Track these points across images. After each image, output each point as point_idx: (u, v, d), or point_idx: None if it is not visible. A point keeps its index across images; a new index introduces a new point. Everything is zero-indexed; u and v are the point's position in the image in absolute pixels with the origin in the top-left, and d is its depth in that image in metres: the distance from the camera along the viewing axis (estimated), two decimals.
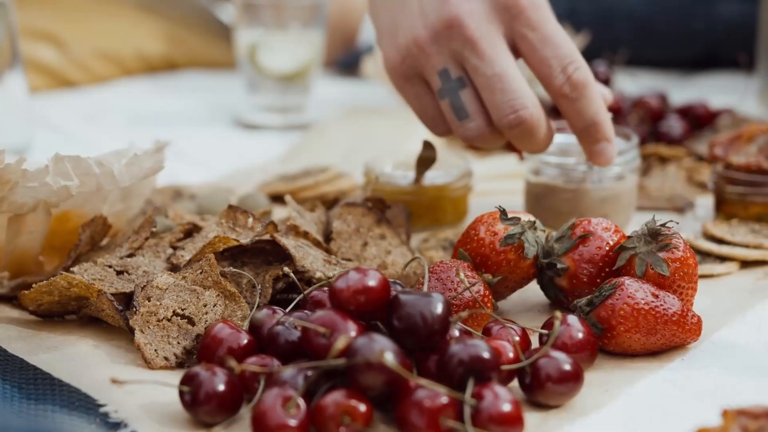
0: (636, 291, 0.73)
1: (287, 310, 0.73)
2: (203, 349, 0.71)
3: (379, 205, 0.89)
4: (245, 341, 0.70)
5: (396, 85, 0.91)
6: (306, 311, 0.72)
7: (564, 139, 0.98)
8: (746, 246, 0.90)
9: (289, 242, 0.80)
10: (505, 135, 0.88)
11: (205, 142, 1.28)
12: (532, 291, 0.83)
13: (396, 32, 0.88)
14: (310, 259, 0.79)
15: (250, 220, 0.82)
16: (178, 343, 0.74)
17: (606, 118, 0.88)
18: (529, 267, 0.79)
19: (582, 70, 0.86)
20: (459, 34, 0.85)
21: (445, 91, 0.87)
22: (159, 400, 0.68)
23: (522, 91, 0.85)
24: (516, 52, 0.87)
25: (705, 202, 1.04)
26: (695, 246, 0.91)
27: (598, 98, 0.87)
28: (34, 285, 0.77)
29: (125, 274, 0.79)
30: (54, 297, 0.77)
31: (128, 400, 0.68)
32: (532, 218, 0.80)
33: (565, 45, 0.86)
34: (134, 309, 0.74)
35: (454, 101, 0.87)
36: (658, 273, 0.76)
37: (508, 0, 0.85)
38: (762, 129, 0.96)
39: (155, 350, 0.73)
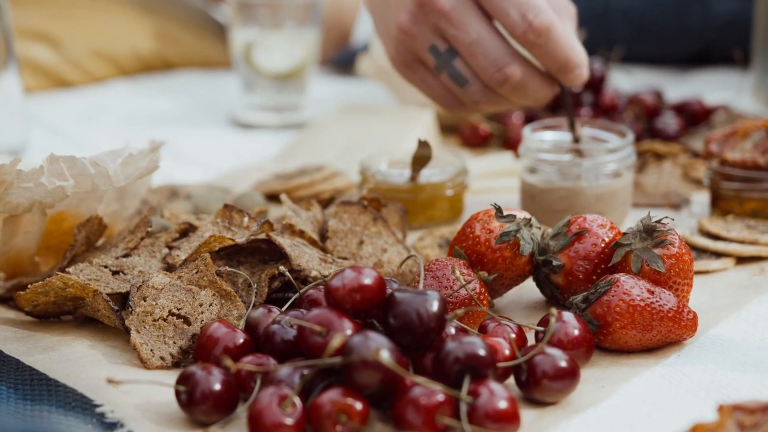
0: (632, 287, 0.73)
1: (283, 309, 0.73)
2: (199, 349, 0.71)
3: (375, 203, 0.89)
4: (241, 340, 0.70)
5: (402, 75, 0.97)
6: (302, 310, 0.72)
7: (559, 137, 0.98)
8: (742, 242, 0.90)
9: (284, 241, 0.80)
10: (501, 95, 0.92)
11: (201, 142, 1.27)
12: (528, 288, 0.83)
13: (387, 25, 0.95)
14: (306, 257, 0.79)
15: (246, 219, 0.82)
16: (174, 342, 0.74)
17: (575, 48, 0.91)
18: (525, 264, 0.79)
19: (543, 15, 0.89)
20: (432, 10, 0.91)
21: (440, 65, 0.93)
22: (155, 400, 0.68)
23: (501, 50, 0.90)
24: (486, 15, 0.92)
25: (701, 199, 1.04)
26: (691, 242, 0.91)
27: (565, 36, 0.90)
28: (29, 286, 0.77)
29: (121, 274, 0.79)
30: (50, 297, 0.77)
31: (124, 400, 0.68)
32: (528, 216, 0.80)
33: None
34: (130, 309, 0.74)
35: (451, 72, 0.93)
36: (653, 269, 0.76)
37: None
38: (757, 125, 0.96)
39: (151, 350, 0.73)
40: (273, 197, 1.03)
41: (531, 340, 0.75)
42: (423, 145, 0.96)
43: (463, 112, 0.98)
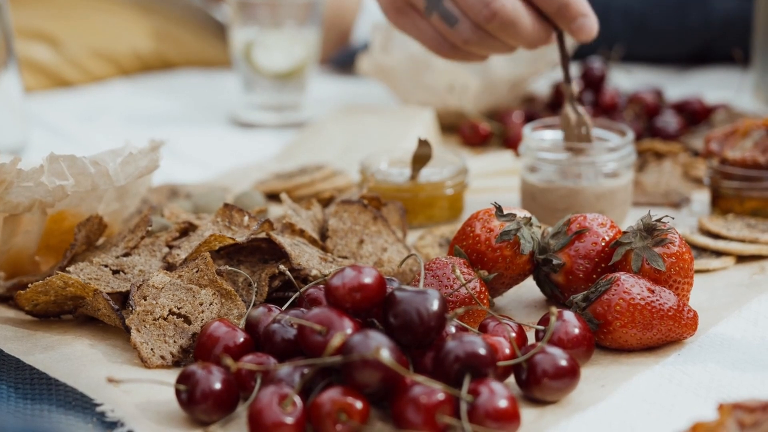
0: (632, 286, 0.73)
1: (283, 308, 0.73)
2: (199, 348, 0.71)
3: (375, 202, 0.89)
4: (241, 339, 0.70)
5: (395, 23, 0.96)
6: (302, 309, 0.72)
7: (559, 136, 0.98)
8: (742, 241, 0.90)
9: (285, 240, 0.80)
10: (491, 33, 0.91)
11: (201, 141, 1.27)
12: (528, 287, 0.83)
13: None
14: (306, 257, 0.79)
15: (246, 218, 0.82)
16: (175, 341, 0.74)
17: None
18: (525, 263, 0.79)
19: None
20: None
21: (430, 5, 0.92)
22: (155, 399, 0.68)
23: None
24: None
25: (701, 198, 1.04)
26: (691, 241, 0.91)
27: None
28: (30, 285, 0.77)
29: (121, 273, 0.79)
30: (50, 297, 0.77)
31: (125, 399, 0.68)
32: (528, 215, 0.80)
33: None
34: (130, 308, 0.74)
35: (440, 10, 0.92)
36: (653, 268, 0.76)
37: None
38: (757, 124, 0.96)
39: (151, 349, 0.73)
40: (273, 196, 1.03)
41: (531, 339, 0.75)
42: (423, 144, 0.96)
43: (455, 57, 0.96)
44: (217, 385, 0.65)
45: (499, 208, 0.79)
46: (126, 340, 0.76)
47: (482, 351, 0.65)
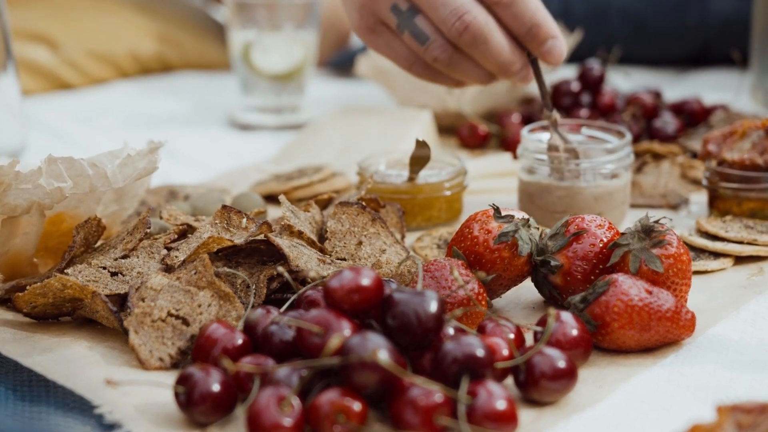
0: (630, 287, 0.73)
1: (281, 309, 0.73)
2: (198, 350, 0.71)
3: (374, 204, 0.89)
4: (240, 341, 0.71)
5: (367, 42, 0.96)
6: (300, 311, 0.72)
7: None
8: (740, 242, 0.90)
9: (283, 242, 0.80)
10: (462, 48, 0.91)
11: (200, 143, 1.27)
12: (527, 288, 0.83)
13: None
14: (305, 258, 0.79)
15: (244, 220, 0.82)
16: (173, 343, 0.74)
17: (545, 18, 0.90)
18: (523, 265, 0.79)
19: None
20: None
21: (402, 24, 0.92)
22: (154, 401, 0.68)
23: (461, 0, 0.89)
24: None
25: (699, 199, 1.04)
26: (689, 242, 0.91)
27: (534, 2, 0.89)
28: (28, 287, 0.77)
29: (119, 275, 0.79)
30: (48, 299, 0.77)
31: (123, 400, 0.68)
32: (526, 216, 0.80)
33: None
34: (128, 310, 0.74)
35: (412, 29, 0.92)
36: (651, 269, 0.76)
37: None
38: (755, 125, 0.96)
39: (150, 351, 0.73)
40: (271, 198, 1.04)
41: (529, 340, 0.75)
42: (421, 145, 0.96)
43: (429, 78, 0.96)
44: (216, 387, 0.65)
45: (497, 210, 0.79)
46: (124, 342, 0.76)
47: (480, 352, 0.65)
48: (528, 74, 0.93)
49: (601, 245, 0.78)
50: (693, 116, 1.21)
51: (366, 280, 0.68)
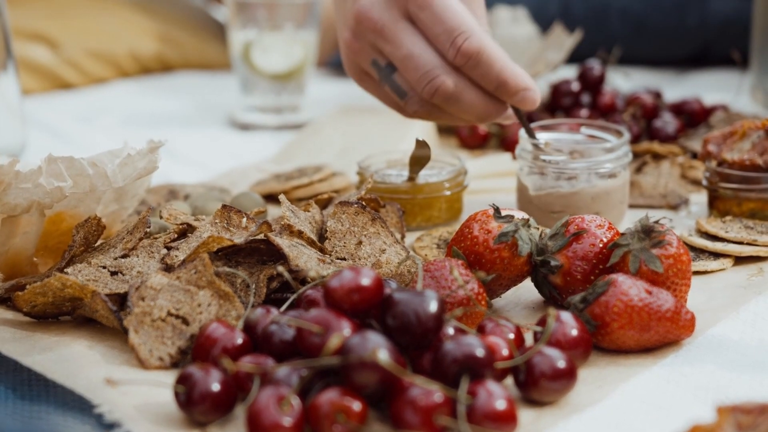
0: (629, 288, 0.73)
1: (281, 309, 0.73)
2: (197, 349, 0.71)
3: (373, 203, 0.89)
4: (239, 341, 0.71)
5: (358, 84, 0.98)
6: (300, 310, 0.72)
7: (556, 137, 0.98)
8: (740, 242, 0.90)
9: (283, 242, 0.80)
10: (437, 106, 0.93)
11: (200, 142, 1.27)
12: (526, 288, 0.83)
13: (340, 39, 0.96)
14: (305, 258, 0.79)
15: (244, 219, 0.82)
16: (173, 343, 0.74)
17: (513, 72, 0.90)
18: (523, 264, 0.79)
19: (472, 39, 0.89)
20: (367, 27, 0.92)
21: (382, 78, 0.94)
22: (154, 400, 0.68)
23: (431, 64, 0.90)
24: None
25: (699, 199, 1.04)
26: (689, 242, 0.91)
27: (497, 59, 0.90)
28: (28, 286, 0.77)
29: (119, 274, 0.79)
30: (48, 298, 0.77)
31: (123, 400, 0.68)
32: (526, 216, 0.80)
33: (453, 18, 0.89)
34: (128, 309, 0.74)
35: (391, 85, 0.93)
36: (651, 270, 0.76)
37: None
38: (755, 125, 0.96)
39: (149, 350, 0.73)
40: (271, 198, 1.03)
41: (529, 340, 0.75)
42: (421, 145, 0.96)
43: (418, 119, 0.98)
44: (215, 386, 0.65)
45: (497, 210, 0.79)
46: (124, 342, 0.76)
47: (480, 352, 0.65)
48: (510, 115, 0.95)
49: (601, 245, 0.78)
50: (693, 116, 1.21)
51: (366, 280, 0.68)
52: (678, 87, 1.45)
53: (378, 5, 0.91)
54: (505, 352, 0.69)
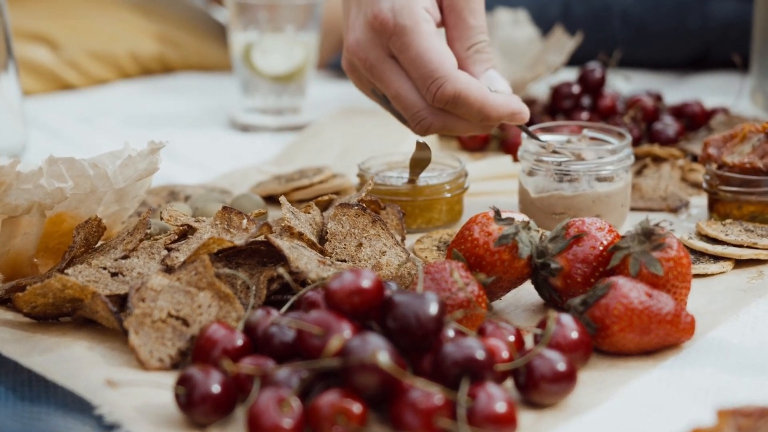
0: (630, 290, 0.73)
1: (282, 310, 0.73)
2: (198, 350, 0.71)
3: (374, 205, 0.89)
4: (240, 342, 0.71)
5: (370, 98, 0.99)
6: (300, 312, 0.72)
7: (557, 139, 0.98)
8: (740, 245, 0.90)
9: (283, 243, 0.80)
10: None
11: (200, 144, 1.27)
12: (527, 291, 0.83)
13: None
14: (305, 260, 0.79)
15: (245, 221, 0.82)
16: (173, 344, 0.74)
17: (493, 106, 0.91)
18: (523, 267, 0.79)
19: (445, 86, 0.90)
20: (358, 63, 0.93)
21: (381, 104, 0.96)
22: (154, 402, 0.68)
23: (417, 106, 0.92)
24: None
25: (699, 202, 1.04)
26: (689, 245, 0.91)
27: (474, 98, 0.90)
28: (28, 287, 0.77)
29: (120, 275, 0.79)
30: (48, 299, 0.77)
31: (123, 401, 0.68)
32: (526, 218, 0.80)
33: (427, 65, 0.90)
34: (129, 311, 0.74)
35: (391, 111, 0.96)
36: (651, 272, 0.76)
37: (377, 26, 0.91)
38: (756, 128, 0.96)
39: (150, 351, 0.73)
40: (272, 199, 1.04)
41: (529, 342, 0.75)
42: (422, 147, 0.96)
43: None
44: (216, 388, 0.65)
45: (497, 212, 0.79)
46: (124, 343, 0.76)
47: (480, 355, 0.65)
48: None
49: (601, 248, 0.78)
50: (693, 119, 1.21)
51: (366, 282, 0.68)
52: (678, 90, 1.45)
53: (364, 44, 0.92)
54: (505, 354, 0.69)
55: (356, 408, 0.63)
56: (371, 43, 0.92)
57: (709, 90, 1.43)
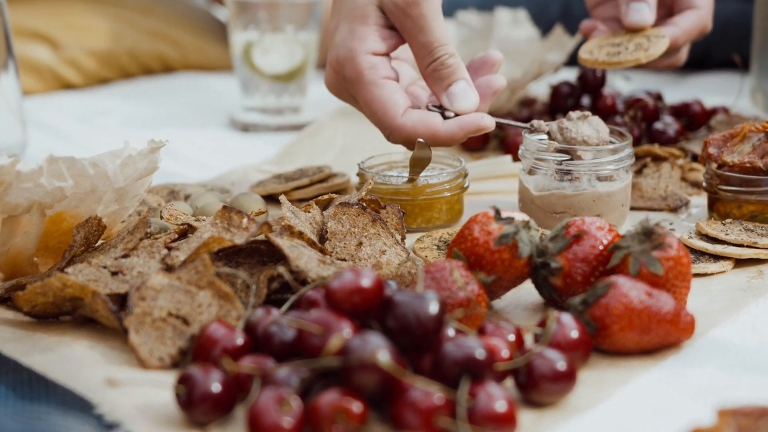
0: (630, 290, 0.73)
1: (282, 310, 0.73)
2: (198, 350, 0.71)
3: (374, 205, 0.89)
4: (240, 341, 0.71)
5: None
6: (301, 311, 0.72)
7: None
8: (740, 245, 0.90)
9: (283, 242, 0.80)
10: None
11: (200, 143, 1.28)
12: (527, 290, 0.83)
13: None
14: (305, 259, 0.79)
15: (245, 220, 0.82)
16: (173, 343, 0.74)
17: (448, 135, 0.93)
18: (524, 266, 0.79)
19: (393, 136, 0.93)
20: (334, 94, 0.98)
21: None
22: (154, 401, 0.68)
23: (383, 122, 0.93)
24: None
25: (699, 202, 1.04)
26: (689, 245, 0.91)
27: (427, 137, 0.93)
28: (28, 286, 0.77)
29: (120, 274, 0.79)
30: (48, 298, 0.77)
31: (123, 400, 0.68)
32: (526, 218, 0.80)
33: (374, 115, 0.93)
34: (129, 310, 0.74)
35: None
36: (651, 272, 0.76)
37: (338, 71, 0.94)
38: (756, 128, 0.96)
39: (150, 350, 0.73)
40: (272, 198, 1.04)
41: (529, 342, 0.75)
42: (422, 146, 0.96)
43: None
44: (216, 387, 0.65)
45: (497, 212, 0.79)
46: (124, 342, 0.76)
47: (480, 354, 0.65)
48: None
49: (601, 247, 0.78)
50: (693, 119, 1.21)
51: (366, 281, 0.68)
52: (678, 89, 1.45)
53: (334, 83, 0.96)
54: (505, 353, 0.69)
55: (356, 407, 0.63)
56: (339, 84, 0.95)
57: (709, 90, 1.43)
